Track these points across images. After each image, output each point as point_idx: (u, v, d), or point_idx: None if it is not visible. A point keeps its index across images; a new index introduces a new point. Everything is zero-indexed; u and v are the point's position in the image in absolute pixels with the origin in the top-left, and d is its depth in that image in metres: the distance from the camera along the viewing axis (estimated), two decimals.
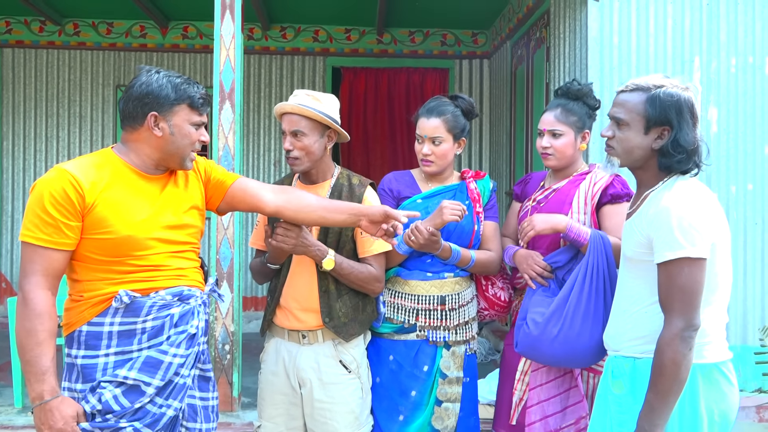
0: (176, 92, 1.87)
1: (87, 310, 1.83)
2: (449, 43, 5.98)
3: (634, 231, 1.83)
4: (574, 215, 2.32)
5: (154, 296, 1.86)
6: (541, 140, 2.41)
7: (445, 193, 2.46)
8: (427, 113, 2.41)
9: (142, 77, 1.89)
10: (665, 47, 3.46)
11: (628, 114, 1.82)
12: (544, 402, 2.29)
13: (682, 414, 1.72)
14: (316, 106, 2.26)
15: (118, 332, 1.83)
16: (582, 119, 2.41)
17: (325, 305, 2.26)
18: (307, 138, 2.24)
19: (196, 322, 1.93)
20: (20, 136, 5.81)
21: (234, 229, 3.21)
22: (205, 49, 5.85)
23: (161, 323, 1.86)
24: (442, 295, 2.40)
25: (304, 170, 2.29)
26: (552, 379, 2.30)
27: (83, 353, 1.83)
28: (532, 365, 2.31)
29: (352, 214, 2.12)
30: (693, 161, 1.80)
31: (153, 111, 1.86)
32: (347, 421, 2.26)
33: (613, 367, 1.89)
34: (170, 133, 1.88)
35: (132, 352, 1.84)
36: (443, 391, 2.38)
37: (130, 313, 1.83)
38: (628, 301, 1.87)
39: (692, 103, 1.81)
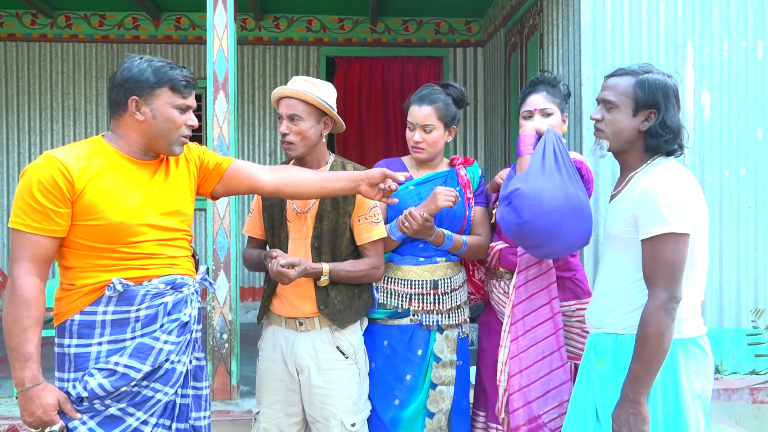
0: (156, 75, 1.86)
1: (79, 300, 1.82)
2: (443, 31, 5.97)
3: (619, 210, 1.91)
4: None
5: (148, 285, 1.86)
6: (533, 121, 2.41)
7: (436, 180, 2.48)
8: (419, 101, 2.43)
9: (125, 64, 1.89)
10: (658, 32, 3.47)
11: (618, 96, 1.90)
12: (525, 388, 2.33)
13: (665, 386, 1.81)
14: (314, 92, 2.27)
15: (111, 321, 1.83)
16: (562, 103, 2.48)
17: (320, 293, 2.27)
18: (304, 123, 2.25)
19: (189, 310, 1.94)
20: (14, 129, 5.80)
21: (230, 218, 3.22)
22: (198, 40, 5.83)
23: (155, 312, 1.87)
24: (435, 279, 2.42)
25: (298, 156, 2.30)
26: (531, 364, 2.33)
27: (76, 342, 1.83)
28: (510, 352, 2.34)
29: (351, 180, 2.16)
30: (677, 142, 1.90)
31: (134, 95, 1.86)
32: (345, 406, 2.28)
33: (595, 343, 1.97)
34: (152, 116, 1.87)
35: (125, 341, 1.85)
36: (437, 375, 2.40)
37: (124, 301, 1.83)
38: (612, 278, 1.95)
39: (677, 88, 1.92)
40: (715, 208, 3.52)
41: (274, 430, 2.35)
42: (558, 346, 2.35)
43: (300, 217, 2.31)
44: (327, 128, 2.33)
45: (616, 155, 1.97)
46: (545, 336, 2.35)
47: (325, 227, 2.28)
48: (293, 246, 2.31)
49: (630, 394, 1.77)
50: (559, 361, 2.34)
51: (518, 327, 2.35)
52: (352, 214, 2.30)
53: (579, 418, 1.98)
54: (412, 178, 2.48)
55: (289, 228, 2.33)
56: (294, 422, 2.36)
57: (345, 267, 2.27)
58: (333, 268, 2.24)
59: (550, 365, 2.34)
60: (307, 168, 2.34)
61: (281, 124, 2.29)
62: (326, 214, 2.28)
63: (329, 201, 2.29)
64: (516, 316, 2.36)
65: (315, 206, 2.29)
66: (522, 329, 2.35)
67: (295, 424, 2.36)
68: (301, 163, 2.35)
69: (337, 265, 2.25)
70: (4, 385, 3.59)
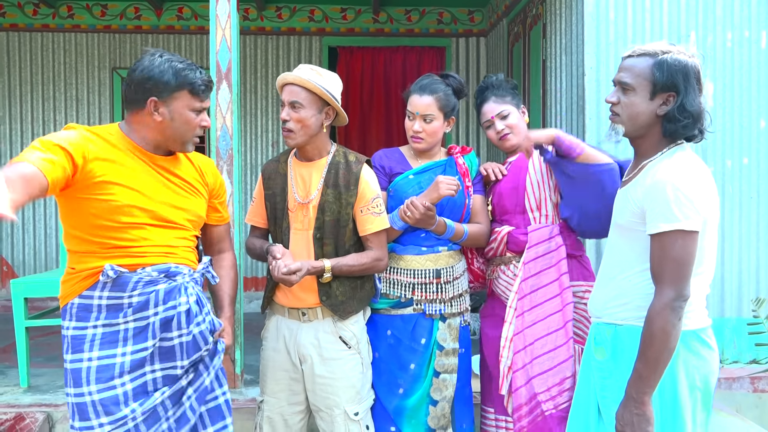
0: (177, 78, 1.88)
1: (78, 284, 1.89)
2: (445, 21, 5.95)
3: (628, 200, 1.85)
4: (532, 176, 2.44)
5: (141, 272, 1.90)
6: (494, 127, 2.53)
7: (436, 168, 2.48)
8: (420, 90, 2.43)
9: (145, 61, 1.89)
10: (661, 22, 3.46)
11: (635, 78, 1.82)
12: (528, 365, 2.33)
13: (662, 380, 1.76)
14: (318, 80, 2.26)
15: (106, 305, 1.89)
16: (514, 98, 2.55)
17: (322, 284, 2.28)
18: (305, 110, 2.24)
19: (184, 299, 1.95)
20: (17, 120, 5.80)
21: (233, 208, 3.23)
22: (200, 30, 5.82)
23: (146, 299, 1.90)
24: (437, 268, 2.43)
25: (297, 144, 2.29)
26: (536, 340, 2.33)
27: (74, 324, 1.89)
28: (515, 328, 2.35)
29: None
30: (697, 127, 1.81)
31: (153, 96, 1.88)
32: (348, 395, 2.30)
33: (595, 333, 1.94)
34: (170, 119, 1.90)
35: (118, 325, 1.90)
36: (441, 363, 2.42)
37: (117, 287, 1.88)
38: (615, 267, 1.91)
39: (698, 69, 1.82)
40: None
41: (278, 419, 2.37)
42: (564, 321, 2.34)
43: (302, 208, 2.31)
44: (329, 119, 2.31)
45: (631, 141, 1.90)
46: (552, 312, 2.34)
47: (327, 218, 2.28)
48: (295, 237, 2.31)
49: (634, 393, 1.73)
50: (563, 337, 2.33)
51: (524, 302, 2.36)
52: (354, 205, 2.29)
53: (582, 411, 1.96)
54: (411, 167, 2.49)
55: (291, 218, 2.33)
56: (297, 411, 2.38)
57: (347, 262, 2.27)
58: (335, 264, 2.24)
59: (555, 342, 2.32)
60: (308, 158, 2.34)
61: (283, 110, 2.28)
62: (328, 205, 2.28)
63: (331, 192, 2.28)
64: (523, 291, 2.36)
65: (317, 197, 2.29)
66: (529, 304, 2.35)
67: (299, 413, 2.39)
68: (301, 152, 2.35)
69: (339, 260, 2.25)
70: (10, 374, 3.61)
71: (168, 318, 1.94)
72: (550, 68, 4.07)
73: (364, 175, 2.32)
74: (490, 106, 2.53)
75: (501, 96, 2.54)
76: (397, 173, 2.48)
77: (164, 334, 1.95)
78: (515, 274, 2.43)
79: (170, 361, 1.96)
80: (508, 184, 2.49)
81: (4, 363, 3.88)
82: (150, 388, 1.94)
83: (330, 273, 2.24)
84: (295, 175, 2.35)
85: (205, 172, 2.12)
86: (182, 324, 1.96)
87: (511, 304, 2.38)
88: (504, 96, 2.54)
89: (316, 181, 2.31)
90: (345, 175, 2.30)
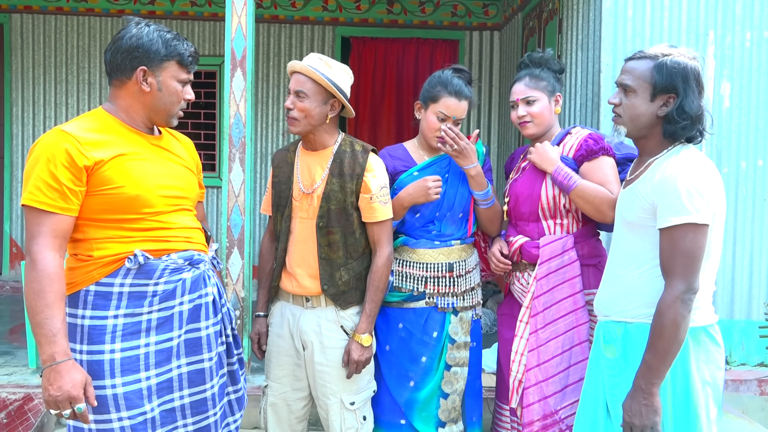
0: (167, 48, 1.84)
1: (96, 270, 1.80)
2: (460, 14, 5.92)
3: (636, 196, 1.87)
4: (548, 183, 2.35)
5: (167, 259, 1.85)
6: (516, 111, 2.41)
7: (441, 162, 2.46)
8: (457, 95, 2.38)
9: (132, 29, 1.84)
10: (680, 20, 3.43)
11: (635, 81, 1.86)
12: (543, 382, 2.28)
13: (674, 375, 1.79)
14: (325, 71, 2.24)
15: (128, 293, 1.81)
16: (551, 83, 2.41)
17: (325, 273, 2.27)
18: (309, 101, 2.23)
19: (209, 289, 1.94)
20: (29, 102, 5.81)
21: (245, 196, 3.24)
22: (213, 17, 5.81)
23: (173, 287, 1.86)
24: (450, 262, 2.42)
25: (299, 132, 2.28)
26: (550, 358, 2.29)
27: (90, 313, 1.80)
28: (528, 345, 2.31)
29: None
30: (697, 129, 1.84)
31: (142, 65, 1.83)
32: (345, 384, 2.30)
33: (604, 332, 1.94)
34: (158, 89, 1.85)
35: (142, 315, 1.83)
36: (452, 356, 2.42)
37: (143, 275, 1.82)
38: (623, 265, 1.92)
39: (698, 72, 1.85)
40: (730, 199, 3.50)
41: (282, 404, 2.38)
42: (579, 340, 2.30)
43: (306, 197, 2.30)
44: (334, 111, 2.29)
45: (634, 141, 1.93)
46: (566, 330, 2.29)
47: (333, 207, 2.27)
48: (300, 225, 2.31)
49: (642, 384, 1.75)
50: (580, 356, 2.29)
51: (538, 319, 2.31)
52: (359, 194, 2.28)
53: (590, 410, 1.96)
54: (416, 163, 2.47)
55: (294, 207, 2.32)
56: (301, 396, 2.39)
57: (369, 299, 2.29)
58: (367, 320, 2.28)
59: (570, 360, 2.29)
60: (314, 147, 2.33)
61: (288, 98, 2.27)
62: (333, 194, 2.26)
63: (337, 181, 2.27)
64: (536, 309, 2.31)
65: (322, 186, 2.28)
66: (542, 322, 2.30)
67: (302, 399, 2.39)
68: (305, 140, 2.34)
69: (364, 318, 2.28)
70: (19, 355, 3.64)
71: (195, 308, 1.91)
72: (565, 64, 4.04)
73: (372, 163, 2.30)
74: (520, 88, 2.40)
75: (536, 78, 2.39)
76: (401, 171, 2.46)
77: (191, 324, 1.92)
78: (529, 282, 2.37)
79: (196, 354, 1.93)
80: (524, 189, 2.41)
81: (13, 344, 3.91)
82: (175, 385, 1.90)
83: (368, 332, 2.29)
84: (302, 164, 2.35)
85: (188, 147, 2.09)
86: (210, 314, 1.94)
87: (521, 318, 2.34)
88: (540, 79, 2.39)
89: (321, 170, 2.30)
90: (350, 164, 2.28)
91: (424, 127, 2.43)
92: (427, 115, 2.40)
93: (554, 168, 2.29)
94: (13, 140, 5.82)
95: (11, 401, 3.01)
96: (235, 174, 3.21)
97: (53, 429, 3.07)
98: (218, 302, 1.99)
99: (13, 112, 5.80)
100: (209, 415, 1.96)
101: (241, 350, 2.14)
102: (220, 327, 2.00)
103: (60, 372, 1.68)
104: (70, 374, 1.69)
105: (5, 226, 5.79)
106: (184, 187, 1.95)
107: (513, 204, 2.44)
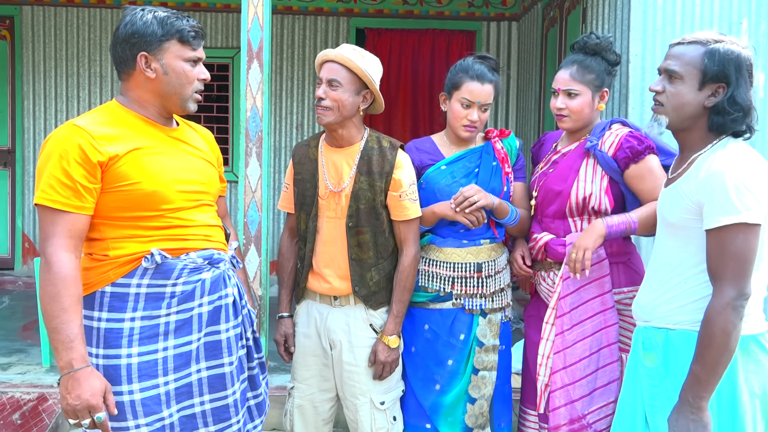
0: (163, 27, 1.74)
1: (112, 270, 1.72)
2: (477, 4, 5.80)
3: (679, 196, 1.75)
4: (580, 183, 2.23)
5: (185, 258, 1.78)
6: (555, 100, 2.28)
7: (470, 156, 2.37)
8: (480, 78, 2.28)
9: (127, 17, 1.76)
10: (712, 8, 3.30)
11: (684, 67, 1.73)
12: (569, 386, 2.21)
13: (720, 387, 1.67)
14: (359, 61, 2.18)
15: (146, 294, 1.74)
16: (600, 77, 2.25)
17: (355, 274, 2.23)
18: (342, 90, 2.17)
19: (230, 290, 1.87)
20: (40, 95, 5.75)
21: (262, 191, 3.15)
22: (226, 9, 5.72)
23: (192, 288, 1.79)
24: (479, 262, 2.33)
25: (329, 123, 2.20)
26: (577, 361, 2.21)
27: (107, 316, 1.73)
28: (554, 347, 2.22)
29: None
30: (746, 122, 1.73)
31: (142, 51, 1.74)
32: (374, 384, 2.25)
33: (643, 338, 1.84)
34: (164, 72, 1.76)
35: (159, 317, 1.76)
36: (480, 360, 2.33)
37: (160, 275, 1.75)
38: (666, 269, 1.80)
39: (751, 62, 1.73)
40: None
41: (308, 406, 2.33)
42: (608, 342, 2.21)
43: (334, 196, 2.24)
44: (365, 103, 2.24)
45: (675, 133, 1.80)
46: (594, 331, 2.21)
47: (362, 206, 2.21)
48: (328, 225, 2.25)
49: (690, 398, 1.64)
50: (608, 357, 2.21)
51: (564, 321, 2.22)
52: (388, 192, 2.22)
53: (627, 420, 1.87)
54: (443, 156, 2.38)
55: (321, 206, 2.26)
56: (328, 398, 2.34)
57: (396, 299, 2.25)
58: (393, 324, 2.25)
59: (598, 362, 2.21)
60: (340, 144, 2.26)
61: (319, 88, 2.20)
62: (363, 193, 2.21)
63: (365, 179, 2.21)
64: (562, 309, 2.23)
65: (350, 184, 2.22)
66: (569, 323, 2.22)
67: (329, 400, 2.34)
68: (332, 134, 2.26)
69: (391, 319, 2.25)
70: (32, 352, 3.58)
71: (215, 310, 1.84)
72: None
73: (401, 160, 2.25)
74: (564, 77, 2.25)
75: (584, 69, 2.23)
76: (427, 165, 2.38)
77: (211, 327, 1.85)
78: (555, 282, 2.29)
79: (216, 358, 1.86)
80: (555, 185, 2.29)
81: (27, 341, 3.86)
82: (195, 390, 1.83)
83: (395, 334, 2.25)
84: (327, 161, 2.28)
85: (208, 140, 2.00)
86: (230, 316, 1.87)
87: (547, 320, 2.25)
88: (589, 71, 2.24)
89: (349, 168, 2.24)
90: (379, 161, 2.22)
91: (450, 117, 2.34)
92: (452, 104, 2.32)
93: (606, 232, 2.15)
94: (25, 134, 5.76)
95: (25, 401, 2.95)
96: (252, 169, 3.13)
97: (68, 430, 3.01)
98: (238, 304, 1.92)
99: (25, 106, 5.75)
100: (232, 423, 1.89)
101: (262, 354, 2.07)
102: (241, 330, 1.93)
103: (78, 380, 1.62)
104: (88, 382, 1.62)
105: (17, 221, 5.75)
106: (203, 182, 1.87)
107: (540, 199, 2.35)
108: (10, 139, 5.75)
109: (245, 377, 1.97)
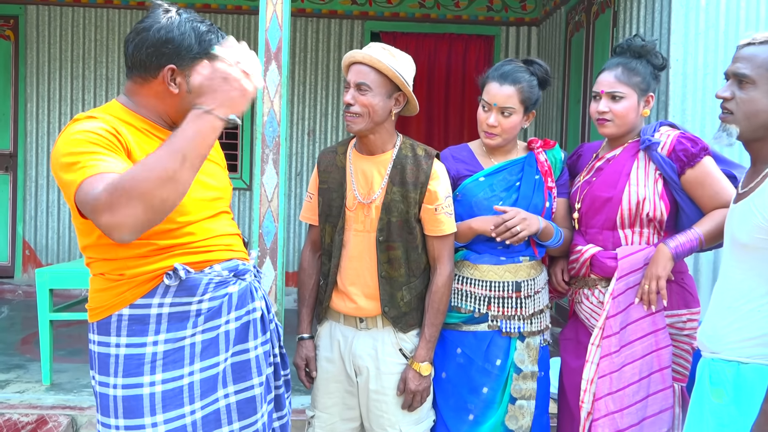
0: (200, 44, 1.55)
1: (130, 291, 1.54)
2: (495, 8, 5.63)
3: (752, 212, 1.57)
4: (632, 187, 2.07)
5: (209, 272, 1.60)
6: (597, 104, 2.12)
7: (511, 168, 2.19)
8: (500, 78, 2.12)
9: (160, 19, 1.55)
10: (758, 10, 3.13)
11: (756, 70, 1.57)
12: (616, 413, 2.02)
13: None
14: (390, 61, 2.00)
15: (169, 315, 1.56)
16: (646, 80, 2.11)
17: (385, 293, 2.05)
18: (372, 94, 1.99)
19: (257, 303, 1.71)
20: (44, 98, 5.59)
21: (278, 201, 2.97)
22: (237, 10, 5.56)
23: (219, 304, 1.61)
24: (518, 281, 2.14)
25: (359, 130, 2.02)
26: (625, 386, 2.02)
27: (126, 341, 1.55)
28: (599, 371, 2.04)
29: None
30: None
31: (171, 63, 1.55)
32: (404, 415, 2.07)
33: (711, 371, 1.65)
34: (187, 90, 1.56)
35: (185, 339, 1.58)
36: (518, 388, 2.14)
37: (184, 291, 1.57)
38: (736, 295, 1.61)
39: None
40: None
41: None
42: (660, 366, 2.03)
43: (363, 207, 2.06)
44: (398, 106, 2.06)
45: (747, 144, 1.63)
46: (644, 354, 2.03)
47: (394, 219, 2.03)
48: (356, 239, 2.07)
49: None
50: (660, 384, 2.03)
51: (612, 342, 2.04)
52: (422, 204, 2.04)
53: None
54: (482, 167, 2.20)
55: (348, 218, 2.08)
56: (351, 427, 2.16)
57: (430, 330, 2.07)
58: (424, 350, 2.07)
59: (648, 388, 2.03)
60: (371, 151, 2.09)
61: (347, 92, 2.02)
62: (395, 205, 2.03)
63: (398, 190, 2.04)
64: (611, 329, 2.04)
65: (381, 195, 2.04)
66: (617, 344, 2.04)
67: (352, 430, 2.16)
68: (364, 141, 2.08)
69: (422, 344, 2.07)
70: (31, 369, 3.39)
71: (243, 326, 1.67)
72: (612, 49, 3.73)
73: (437, 170, 2.07)
74: (608, 79, 2.11)
75: (630, 71, 2.10)
76: (465, 176, 2.20)
77: (239, 346, 1.67)
78: (600, 301, 2.10)
79: (245, 380, 1.68)
80: (601, 192, 2.13)
81: (25, 355, 3.67)
82: (223, 417, 1.65)
83: (427, 360, 2.08)
84: (356, 170, 2.10)
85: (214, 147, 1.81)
86: (258, 332, 1.70)
87: (594, 341, 2.07)
88: (634, 73, 2.10)
89: (380, 177, 2.06)
90: (413, 170, 2.04)
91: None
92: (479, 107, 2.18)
93: (673, 254, 2.00)
94: (27, 138, 5.60)
95: (23, 424, 2.75)
96: (268, 177, 2.94)
97: None
98: (266, 317, 1.75)
99: (28, 108, 5.59)
100: None
101: (288, 371, 1.89)
102: (269, 346, 1.77)
103: None
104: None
105: (18, 228, 5.59)
106: (218, 187, 1.70)
107: (585, 210, 2.16)
108: (12, 143, 5.60)
109: (272, 398, 1.81)
